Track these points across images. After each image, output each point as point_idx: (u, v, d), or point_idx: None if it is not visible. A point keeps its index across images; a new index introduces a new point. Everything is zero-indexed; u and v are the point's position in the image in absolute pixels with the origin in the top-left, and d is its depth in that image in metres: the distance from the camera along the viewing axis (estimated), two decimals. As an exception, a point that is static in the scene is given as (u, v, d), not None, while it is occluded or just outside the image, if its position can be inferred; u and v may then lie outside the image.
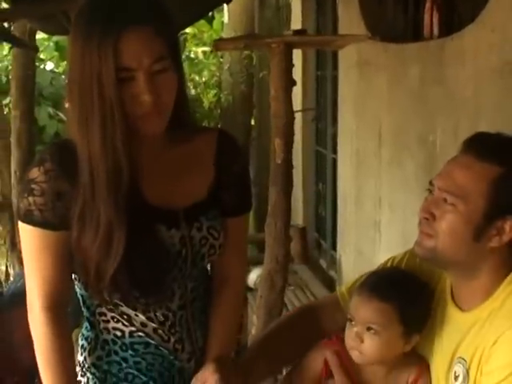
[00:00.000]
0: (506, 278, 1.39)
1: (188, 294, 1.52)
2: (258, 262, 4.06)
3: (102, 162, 1.35)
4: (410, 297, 1.50)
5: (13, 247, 5.35)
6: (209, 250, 1.50)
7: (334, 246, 5.16)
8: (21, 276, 4.31)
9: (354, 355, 1.51)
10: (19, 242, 1.56)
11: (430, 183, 1.43)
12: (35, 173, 1.40)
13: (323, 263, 5.58)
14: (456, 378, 1.41)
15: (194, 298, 1.53)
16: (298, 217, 6.03)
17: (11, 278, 4.94)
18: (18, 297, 3.94)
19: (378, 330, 1.48)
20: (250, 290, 4.88)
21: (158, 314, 1.48)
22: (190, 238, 1.46)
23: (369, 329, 1.48)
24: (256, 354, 1.59)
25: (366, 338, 1.49)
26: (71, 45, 1.35)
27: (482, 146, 1.39)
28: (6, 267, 5.61)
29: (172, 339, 1.51)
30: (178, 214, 1.45)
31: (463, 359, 1.40)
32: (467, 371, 1.38)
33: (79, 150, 1.37)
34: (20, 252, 4.73)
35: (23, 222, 1.43)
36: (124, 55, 1.29)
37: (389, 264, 1.63)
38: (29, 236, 1.44)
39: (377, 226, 3.96)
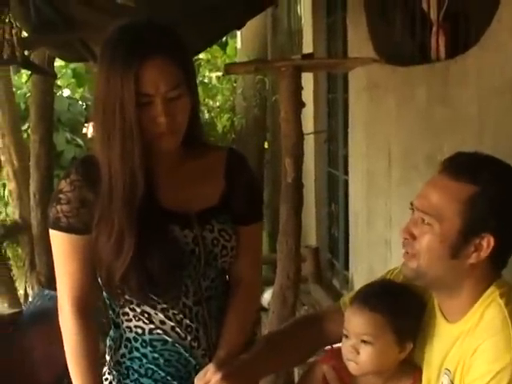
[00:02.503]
0: (485, 291, 1.43)
1: (202, 292, 1.62)
2: (272, 283, 4.10)
3: (120, 177, 1.49)
4: (400, 305, 1.54)
5: (32, 269, 5.42)
6: (221, 251, 1.61)
7: (346, 266, 5.19)
8: (40, 297, 4.40)
9: (352, 367, 1.55)
10: (38, 263, 1.70)
11: (411, 204, 1.48)
12: (62, 184, 1.57)
13: (336, 283, 5.60)
14: None
15: (209, 297, 1.63)
16: (311, 237, 6.08)
17: (30, 299, 5.01)
18: (37, 316, 4.06)
19: (371, 340, 1.52)
20: (264, 309, 4.92)
21: (175, 311, 1.59)
22: (202, 238, 1.58)
23: (363, 341, 1.52)
24: (260, 352, 1.64)
25: (361, 350, 1.53)
26: (98, 71, 1.51)
27: (456, 165, 1.43)
28: (25, 288, 5.68)
29: (188, 337, 1.60)
30: (191, 217, 1.58)
31: (449, 370, 1.44)
32: (452, 382, 1.43)
33: (101, 165, 1.52)
34: (38, 273, 4.83)
35: (52, 228, 1.59)
36: (143, 83, 1.44)
37: (388, 276, 1.68)
38: (57, 242, 1.59)
39: (388, 244, 4.00)
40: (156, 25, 1.51)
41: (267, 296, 5.03)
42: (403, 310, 1.54)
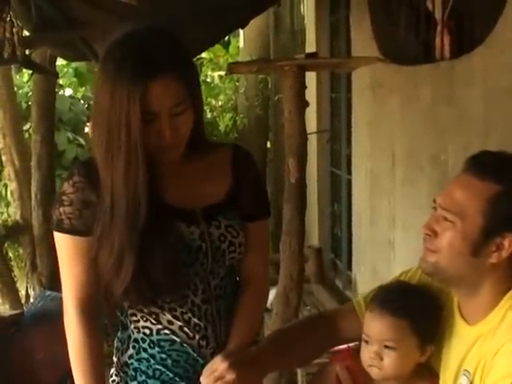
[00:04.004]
0: (507, 292, 1.43)
1: (211, 290, 1.61)
2: (275, 283, 4.08)
3: (123, 195, 1.49)
4: (421, 308, 1.53)
5: (33, 269, 5.40)
6: (228, 247, 1.61)
7: (349, 266, 5.17)
8: (41, 298, 4.38)
9: (375, 373, 1.54)
10: (39, 264, 1.69)
11: (434, 201, 1.48)
12: (65, 186, 1.56)
13: (339, 283, 5.59)
14: None
15: (218, 295, 1.63)
16: (314, 237, 6.06)
17: (31, 300, 5.00)
18: (39, 317, 4.04)
19: (394, 345, 1.51)
20: (267, 310, 4.90)
21: (183, 310, 1.58)
22: (208, 234, 1.58)
23: (386, 346, 1.51)
24: (268, 346, 1.63)
25: (384, 356, 1.51)
26: (101, 85, 1.48)
27: (481, 164, 1.43)
28: (27, 289, 5.66)
29: (197, 336, 1.60)
30: (197, 213, 1.58)
31: (468, 371, 1.43)
32: (471, 383, 1.42)
33: (102, 180, 1.51)
34: (40, 274, 4.80)
35: (55, 230, 1.58)
36: (149, 102, 1.43)
37: (402, 277, 1.66)
38: (61, 243, 1.59)
39: (391, 244, 3.99)
40: (160, 38, 1.49)
41: (270, 296, 5.02)
42: (423, 312, 1.53)
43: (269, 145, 8.14)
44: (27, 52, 3.58)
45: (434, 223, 1.45)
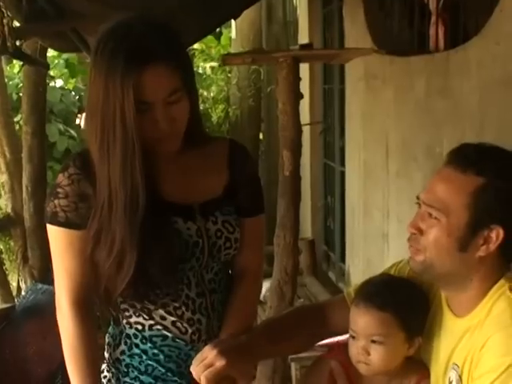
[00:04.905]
0: (495, 284, 1.41)
1: (205, 284, 1.60)
2: (268, 276, 4.07)
3: (122, 187, 1.46)
4: (406, 301, 1.52)
5: (24, 262, 5.37)
6: (225, 243, 1.59)
7: (342, 259, 5.17)
8: (32, 291, 4.35)
9: (362, 368, 1.53)
10: (31, 257, 1.65)
11: (418, 197, 1.45)
12: (60, 178, 1.53)
13: (332, 275, 5.59)
14: (450, 383, 1.43)
15: (212, 289, 1.62)
16: (307, 229, 6.05)
17: (23, 293, 4.97)
18: (30, 311, 4.00)
19: (381, 340, 1.49)
20: (261, 303, 4.90)
21: (177, 304, 1.57)
22: (205, 230, 1.56)
23: (373, 341, 1.50)
24: (258, 335, 1.62)
25: (372, 351, 1.50)
26: (94, 76, 1.45)
27: (461, 157, 1.40)
28: (18, 282, 5.63)
29: (189, 330, 1.58)
30: (194, 209, 1.56)
31: (456, 365, 1.42)
32: (460, 377, 1.41)
33: (98, 172, 1.48)
34: (31, 267, 4.75)
35: (49, 223, 1.55)
36: (143, 91, 1.41)
37: (393, 269, 1.65)
38: (55, 236, 1.55)
39: (385, 237, 3.98)
40: (152, 27, 1.46)
41: (264, 289, 5.01)
42: (409, 304, 1.52)
43: (261, 136, 8.11)
44: (18, 43, 3.53)
45: (419, 221, 1.43)
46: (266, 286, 4.78)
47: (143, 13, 1.50)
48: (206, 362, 1.47)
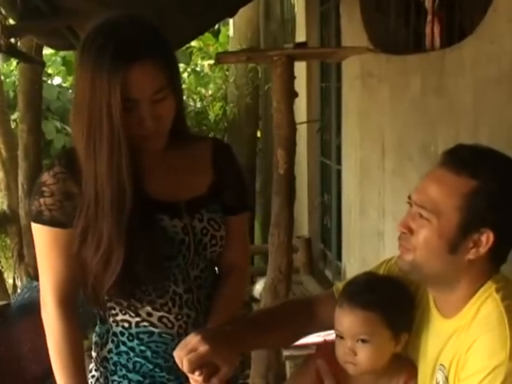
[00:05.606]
0: (482, 286, 1.40)
1: (191, 280, 1.61)
2: (264, 273, 4.08)
3: (108, 184, 1.46)
4: (390, 299, 1.51)
5: (20, 260, 5.37)
6: (210, 240, 1.61)
7: (339, 257, 5.17)
8: (28, 288, 4.35)
9: (350, 369, 1.52)
10: (26, 254, 1.65)
11: (409, 197, 1.44)
12: (45, 177, 1.53)
13: (328, 274, 5.59)
14: None
15: (199, 285, 1.63)
16: (304, 228, 6.05)
17: (18, 291, 4.97)
18: (26, 308, 4.00)
19: (367, 339, 1.49)
20: (255, 300, 4.90)
21: (163, 301, 1.57)
22: (191, 227, 1.58)
23: (359, 340, 1.49)
24: (243, 325, 1.62)
25: (358, 351, 1.50)
26: (80, 74, 1.46)
27: (456, 159, 1.39)
28: (14, 279, 5.64)
29: (176, 324, 1.59)
30: (180, 206, 1.57)
31: (443, 366, 1.42)
32: (446, 378, 1.40)
33: (84, 170, 1.49)
34: (27, 265, 4.76)
35: (34, 222, 1.55)
36: (130, 89, 1.42)
37: (383, 267, 1.64)
38: (40, 235, 1.56)
39: (381, 235, 3.98)
40: (138, 24, 1.47)
41: (259, 287, 5.02)
42: (393, 302, 1.51)
43: (259, 134, 8.11)
44: (12, 41, 3.52)
45: (409, 220, 1.42)
46: (262, 283, 4.81)
47: (138, 12, 1.51)
48: (189, 346, 1.46)
